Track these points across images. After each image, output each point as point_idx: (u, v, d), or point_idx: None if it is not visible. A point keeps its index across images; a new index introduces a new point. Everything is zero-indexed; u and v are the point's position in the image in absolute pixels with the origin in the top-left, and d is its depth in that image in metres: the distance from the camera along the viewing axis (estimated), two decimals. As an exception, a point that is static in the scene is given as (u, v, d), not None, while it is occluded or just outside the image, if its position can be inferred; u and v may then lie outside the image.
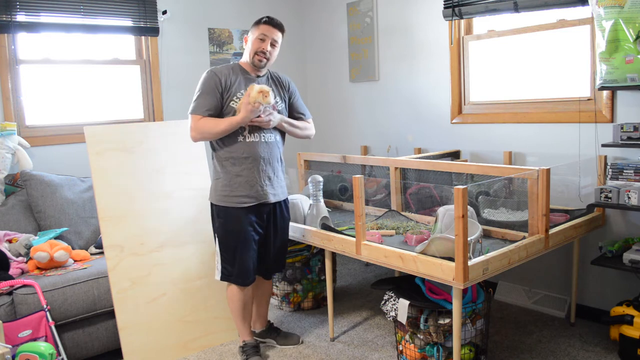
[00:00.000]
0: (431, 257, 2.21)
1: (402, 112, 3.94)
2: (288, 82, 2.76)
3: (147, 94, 3.93)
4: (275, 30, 2.58)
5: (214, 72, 2.58)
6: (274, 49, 2.61)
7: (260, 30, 2.56)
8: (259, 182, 2.56)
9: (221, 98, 2.55)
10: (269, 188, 2.60)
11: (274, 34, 2.58)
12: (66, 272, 2.75)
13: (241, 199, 2.55)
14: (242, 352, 2.72)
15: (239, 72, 2.62)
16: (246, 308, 2.72)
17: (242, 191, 2.55)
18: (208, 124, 2.50)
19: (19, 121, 3.39)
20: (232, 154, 2.55)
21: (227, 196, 2.57)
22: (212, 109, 2.53)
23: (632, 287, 2.80)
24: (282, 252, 2.83)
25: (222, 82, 2.55)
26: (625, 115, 2.77)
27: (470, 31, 3.52)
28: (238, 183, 2.55)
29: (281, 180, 2.69)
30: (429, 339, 2.38)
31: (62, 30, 3.50)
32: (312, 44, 4.64)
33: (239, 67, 2.64)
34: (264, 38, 2.56)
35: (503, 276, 3.35)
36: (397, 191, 3.19)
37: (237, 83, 2.57)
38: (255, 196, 2.56)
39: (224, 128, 2.49)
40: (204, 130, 2.51)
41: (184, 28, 4.03)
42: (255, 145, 2.55)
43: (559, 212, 2.84)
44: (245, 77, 2.61)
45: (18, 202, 3.15)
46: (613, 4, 2.44)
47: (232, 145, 2.55)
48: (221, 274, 2.65)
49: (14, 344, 2.38)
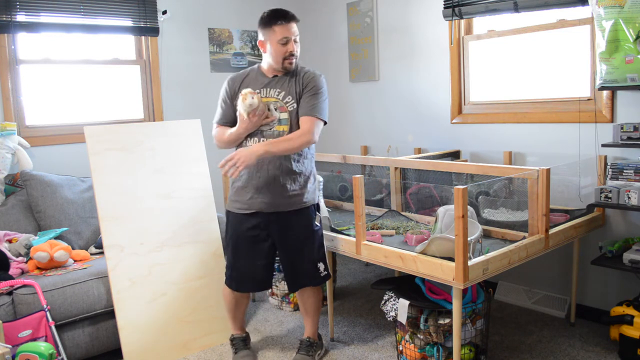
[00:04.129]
0: (431, 257, 2.21)
1: (402, 112, 3.93)
2: (309, 79, 2.49)
3: (147, 94, 3.93)
4: (292, 24, 2.43)
5: (227, 81, 2.58)
6: (297, 44, 2.47)
7: (278, 34, 2.39)
8: (251, 190, 2.50)
9: (232, 106, 2.54)
10: (262, 197, 2.47)
11: (293, 31, 2.43)
12: (66, 272, 2.75)
13: (237, 204, 2.55)
14: (232, 345, 2.78)
15: (254, 74, 2.55)
16: (238, 308, 2.74)
17: (238, 197, 2.55)
18: (219, 133, 2.57)
19: (19, 121, 3.39)
20: None
21: (230, 200, 2.61)
22: (225, 118, 2.56)
23: (632, 287, 2.80)
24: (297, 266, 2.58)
25: (229, 90, 2.54)
26: (625, 115, 2.77)
27: (470, 31, 3.52)
28: (236, 188, 2.56)
29: (288, 191, 2.48)
30: (429, 339, 2.38)
31: (62, 30, 3.50)
32: (312, 44, 4.64)
33: (256, 71, 2.56)
34: (286, 41, 2.40)
35: (503, 276, 3.35)
36: (397, 191, 3.19)
37: (242, 86, 2.51)
38: (248, 203, 2.51)
39: (229, 138, 2.51)
40: (218, 139, 2.58)
41: (184, 28, 4.03)
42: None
43: (559, 212, 2.84)
44: (258, 78, 2.53)
45: (18, 202, 3.15)
46: (613, 4, 2.44)
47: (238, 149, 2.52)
48: (226, 278, 2.68)
49: (14, 344, 2.38)
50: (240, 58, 4.31)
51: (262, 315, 3.34)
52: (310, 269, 2.59)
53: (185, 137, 3.10)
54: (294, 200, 2.51)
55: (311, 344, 2.71)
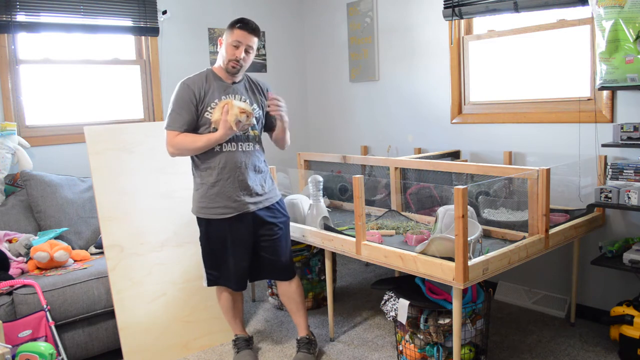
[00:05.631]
0: (431, 257, 2.21)
1: (402, 112, 3.94)
2: (267, 88, 2.66)
3: (147, 94, 3.93)
4: (251, 35, 2.44)
5: (187, 85, 2.47)
6: (249, 55, 2.49)
7: (234, 36, 2.43)
8: (235, 193, 2.48)
9: (196, 111, 2.47)
10: (246, 198, 2.50)
11: (249, 40, 2.45)
12: (66, 272, 2.75)
13: (220, 209, 2.51)
14: (234, 345, 2.77)
15: (213, 80, 2.52)
16: (236, 307, 2.75)
17: (220, 202, 2.50)
18: (185, 140, 2.44)
19: (19, 121, 3.39)
20: (209, 164, 2.49)
21: (205, 207, 2.52)
22: (187, 125, 2.46)
23: (632, 287, 2.80)
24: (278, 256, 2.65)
25: (196, 95, 2.46)
26: (625, 115, 2.77)
27: (470, 31, 3.52)
28: (215, 194, 2.49)
29: (264, 188, 2.58)
30: (429, 339, 2.38)
31: (62, 30, 3.50)
32: (312, 44, 4.64)
33: (212, 74, 2.53)
34: (238, 45, 2.43)
35: (503, 276, 3.35)
36: (397, 191, 3.19)
37: (210, 92, 2.48)
38: (235, 207, 2.50)
39: (201, 145, 2.43)
40: (181, 147, 2.45)
41: (184, 28, 4.03)
42: (232, 155, 2.47)
43: (559, 212, 2.84)
44: (219, 84, 2.51)
45: (18, 202, 3.16)
46: (613, 4, 2.44)
47: (209, 154, 2.48)
48: (207, 281, 2.65)
49: (14, 344, 2.38)
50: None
51: (262, 315, 3.34)
52: (289, 261, 2.71)
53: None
54: (270, 196, 2.62)
55: (310, 341, 2.73)
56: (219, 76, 2.53)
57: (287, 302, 2.75)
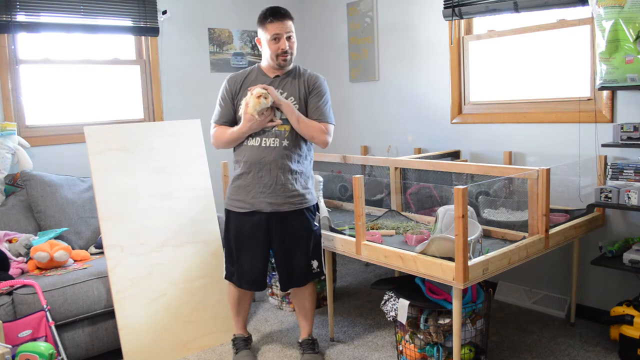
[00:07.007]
0: (431, 257, 2.21)
1: (402, 112, 3.93)
2: (313, 82, 2.53)
3: (147, 94, 3.93)
4: (285, 23, 2.42)
5: (227, 80, 2.58)
6: (291, 41, 2.47)
7: (270, 31, 2.41)
8: (254, 189, 2.49)
9: (232, 105, 2.55)
10: (264, 196, 2.47)
11: (286, 28, 2.42)
12: (66, 272, 2.75)
13: (238, 203, 2.54)
14: (233, 345, 2.79)
15: (255, 75, 2.54)
16: (241, 305, 2.76)
17: (239, 196, 2.54)
18: (218, 133, 2.56)
19: (19, 121, 3.39)
20: (238, 157, 2.57)
21: (229, 198, 2.61)
22: (224, 118, 2.57)
23: (632, 287, 2.80)
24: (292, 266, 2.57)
25: (231, 90, 2.54)
26: (625, 115, 2.77)
27: (470, 31, 3.52)
28: (237, 186, 2.55)
29: (290, 191, 2.48)
30: (429, 339, 2.38)
31: (62, 30, 3.50)
32: (312, 44, 4.64)
33: (257, 70, 2.57)
34: (277, 37, 2.41)
35: (503, 276, 3.35)
36: (397, 191, 3.19)
37: (246, 87, 2.49)
38: (251, 202, 2.50)
39: (230, 138, 2.52)
40: (217, 139, 2.58)
41: (184, 28, 4.03)
42: (254, 150, 2.48)
43: (559, 212, 2.84)
44: (261, 79, 2.52)
45: (18, 202, 3.15)
46: (613, 4, 2.44)
47: (238, 148, 2.56)
48: (225, 272, 2.69)
49: (14, 344, 2.38)
50: (240, 58, 4.31)
51: (262, 315, 3.34)
52: (304, 268, 2.59)
53: (185, 137, 3.10)
54: (295, 200, 2.52)
55: (314, 342, 2.74)
56: (263, 71, 2.56)
57: (297, 305, 2.75)
